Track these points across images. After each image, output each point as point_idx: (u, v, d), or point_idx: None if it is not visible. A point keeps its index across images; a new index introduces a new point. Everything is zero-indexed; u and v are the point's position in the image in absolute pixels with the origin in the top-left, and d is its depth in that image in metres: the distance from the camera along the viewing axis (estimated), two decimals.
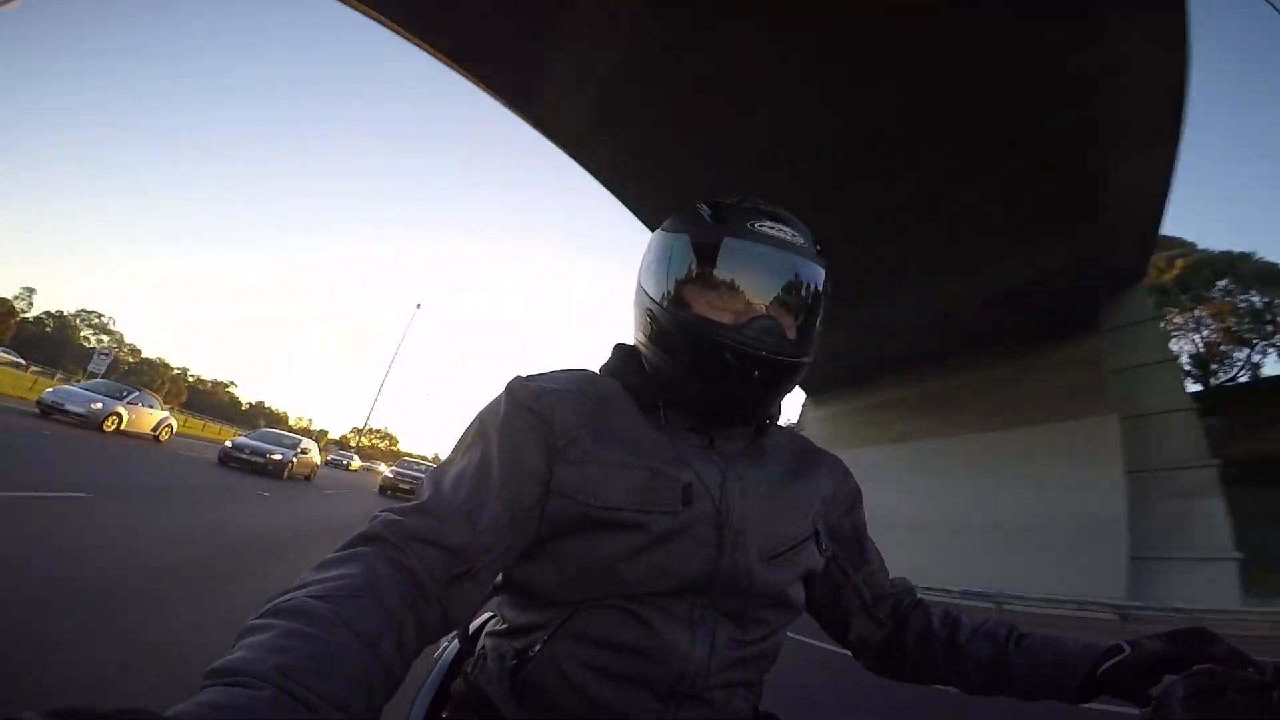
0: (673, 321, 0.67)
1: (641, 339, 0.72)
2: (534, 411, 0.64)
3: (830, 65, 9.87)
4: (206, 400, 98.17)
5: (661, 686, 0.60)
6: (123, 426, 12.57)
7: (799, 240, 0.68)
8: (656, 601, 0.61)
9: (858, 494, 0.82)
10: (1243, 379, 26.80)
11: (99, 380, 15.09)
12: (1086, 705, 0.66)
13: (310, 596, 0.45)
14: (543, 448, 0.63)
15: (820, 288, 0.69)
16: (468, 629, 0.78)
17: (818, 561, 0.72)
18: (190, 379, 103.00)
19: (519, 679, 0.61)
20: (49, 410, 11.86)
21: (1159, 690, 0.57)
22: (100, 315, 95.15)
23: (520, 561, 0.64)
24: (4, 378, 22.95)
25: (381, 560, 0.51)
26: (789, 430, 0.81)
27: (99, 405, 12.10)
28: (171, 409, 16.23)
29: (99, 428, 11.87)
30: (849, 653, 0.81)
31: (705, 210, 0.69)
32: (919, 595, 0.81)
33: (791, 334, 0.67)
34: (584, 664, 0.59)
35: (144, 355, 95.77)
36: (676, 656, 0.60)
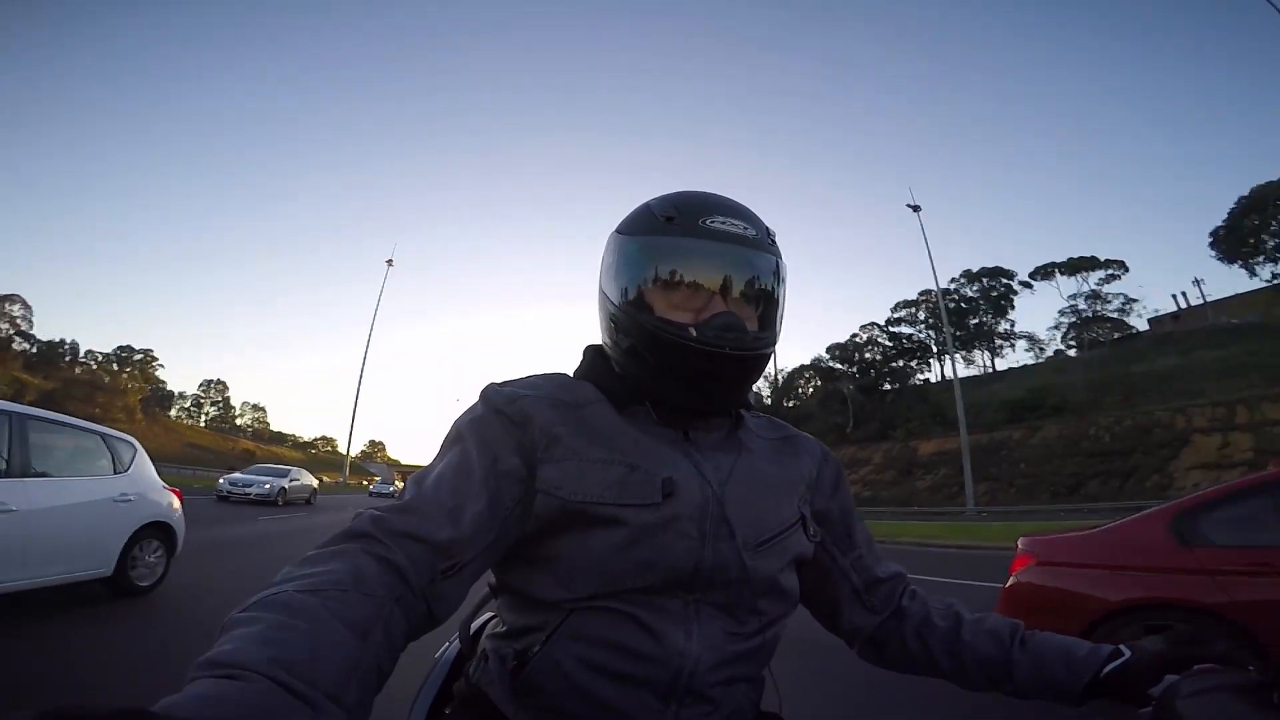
0: (634, 324, 0.67)
1: (608, 341, 0.73)
2: (508, 415, 0.66)
3: None
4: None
5: (661, 685, 0.60)
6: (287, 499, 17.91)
7: (751, 233, 0.68)
8: (649, 599, 0.61)
9: (841, 475, 0.80)
10: None
11: (260, 465, 21.25)
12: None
13: (298, 591, 0.46)
14: (520, 450, 0.64)
15: (776, 277, 0.70)
16: (468, 630, 0.77)
17: (807, 547, 0.71)
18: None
19: (520, 680, 0.62)
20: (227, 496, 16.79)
21: (1159, 690, 0.58)
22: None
23: (515, 565, 0.66)
24: None
25: (366, 556, 0.52)
26: (765, 417, 0.81)
27: (268, 485, 17.38)
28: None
29: (274, 502, 16.80)
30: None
31: (657, 209, 0.70)
32: (913, 584, 0.80)
33: (752, 325, 0.68)
34: (584, 664, 0.60)
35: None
36: (674, 654, 0.61)
